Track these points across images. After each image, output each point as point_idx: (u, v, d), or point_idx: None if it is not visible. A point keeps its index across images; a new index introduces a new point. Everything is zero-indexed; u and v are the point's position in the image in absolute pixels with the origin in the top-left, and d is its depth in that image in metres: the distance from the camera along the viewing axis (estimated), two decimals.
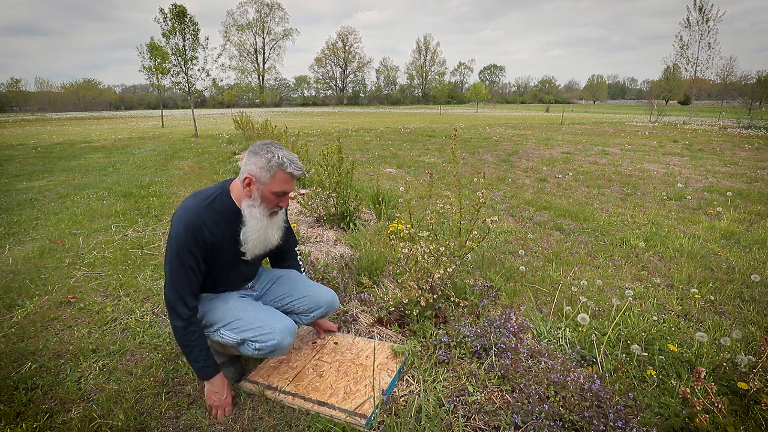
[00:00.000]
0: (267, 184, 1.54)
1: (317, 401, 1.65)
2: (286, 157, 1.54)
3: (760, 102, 34.78)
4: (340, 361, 1.89)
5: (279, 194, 1.58)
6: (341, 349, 1.99)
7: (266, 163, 1.52)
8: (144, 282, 2.81)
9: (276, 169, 1.52)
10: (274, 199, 1.59)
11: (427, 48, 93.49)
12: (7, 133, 18.89)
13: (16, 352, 2.03)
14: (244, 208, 1.59)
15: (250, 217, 1.59)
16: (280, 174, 1.54)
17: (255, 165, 1.53)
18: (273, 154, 1.52)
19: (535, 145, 10.87)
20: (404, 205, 3.98)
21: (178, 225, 1.53)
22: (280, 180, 1.54)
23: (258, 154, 1.54)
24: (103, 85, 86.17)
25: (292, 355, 1.96)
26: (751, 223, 4.12)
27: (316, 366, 1.87)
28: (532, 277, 2.82)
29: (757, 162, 8.03)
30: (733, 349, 1.92)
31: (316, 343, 2.05)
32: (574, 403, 1.52)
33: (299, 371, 1.84)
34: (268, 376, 1.81)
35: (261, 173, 1.53)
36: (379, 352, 1.93)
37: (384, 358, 1.90)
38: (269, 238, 1.69)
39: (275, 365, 1.89)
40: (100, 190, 5.76)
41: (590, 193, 5.46)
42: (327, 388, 1.72)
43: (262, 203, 1.58)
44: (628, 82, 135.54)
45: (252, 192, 1.56)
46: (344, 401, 1.64)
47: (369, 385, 1.70)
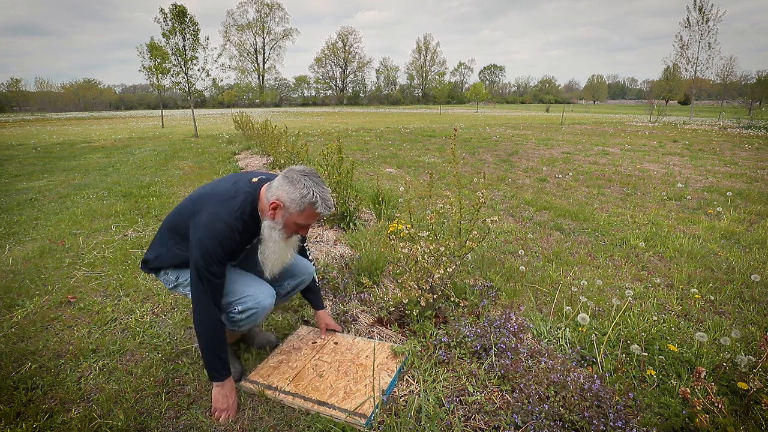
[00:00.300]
0: (294, 216, 1.55)
1: (317, 401, 1.65)
2: (321, 195, 1.53)
3: (760, 102, 34.79)
4: (340, 361, 1.89)
5: (302, 226, 1.60)
6: (341, 349, 1.99)
7: (299, 197, 1.51)
8: (144, 282, 2.81)
9: (307, 206, 1.53)
10: (295, 229, 1.60)
11: (427, 48, 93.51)
12: (7, 133, 18.90)
13: (16, 352, 2.03)
14: (265, 227, 1.60)
15: (269, 239, 1.59)
16: (309, 211, 1.54)
17: (287, 194, 1.52)
18: (308, 191, 1.51)
19: (535, 145, 10.87)
20: (404, 205, 3.98)
21: (210, 237, 1.52)
22: (308, 215, 1.55)
23: (294, 183, 1.52)
24: (103, 85, 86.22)
25: (292, 355, 1.95)
26: (751, 223, 4.12)
27: (316, 366, 1.87)
28: (532, 277, 2.82)
29: (757, 162, 8.03)
30: (733, 349, 1.92)
31: (316, 343, 2.05)
32: (574, 403, 1.52)
33: (299, 371, 1.84)
34: (268, 376, 1.81)
35: (291, 204, 1.53)
36: (379, 352, 1.93)
37: (384, 357, 1.89)
38: (285, 258, 1.70)
39: (275, 365, 1.89)
40: (100, 190, 5.76)
41: (590, 193, 5.46)
42: (327, 387, 1.72)
43: (283, 229, 1.58)
44: (628, 82, 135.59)
45: (276, 217, 1.57)
46: (344, 401, 1.64)
47: (369, 384, 1.70)
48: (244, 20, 77.46)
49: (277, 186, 1.56)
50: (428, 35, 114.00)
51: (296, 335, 2.14)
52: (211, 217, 1.54)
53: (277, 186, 1.56)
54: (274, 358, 1.95)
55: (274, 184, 1.57)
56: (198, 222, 1.55)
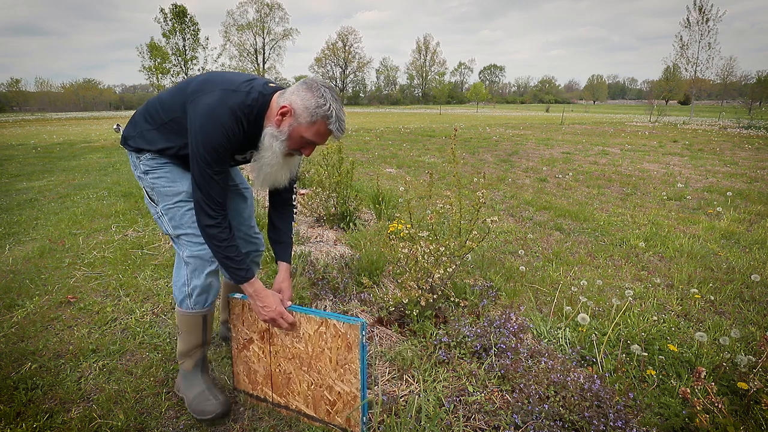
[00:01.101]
0: (302, 126, 1.36)
1: (305, 414, 1.58)
2: (336, 112, 1.35)
3: (760, 102, 34.81)
4: (300, 359, 1.55)
5: (307, 142, 1.41)
6: (287, 341, 1.57)
7: (314, 106, 1.33)
8: (144, 282, 2.81)
9: (319, 118, 1.34)
10: (299, 143, 1.41)
11: (427, 48, 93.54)
12: (7, 133, 18.90)
13: (16, 352, 2.03)
14: (266, 134, 1.40)
15: (268, 148, 1.41)
16: (321, 125, 1.36)
17: (302, 100, 1.34)
18: (325, 102, 1.33)
19: (535, 145, 10.87)
20: (404, 205, 3.98)
21: (214, 125, 1.32)
22: (318, 131, 1.37)
23: (311, 90, 1.34)
24: (103, 85, 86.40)
25: (250, 353, 1.68)
26: (751, 223, 4.12)
27: (280, 367, 1.61)
28: (532, 277, 2.82)
29: (757, 162, 8.03)
30: (733, 349, 1.92)
31: (263, 335, 1.64)
32: (574, 403, 1.52)
33: (269, 374, 1.64)
34: (248, 384, 1.71)
35: (303, 113, 1.34)
36: (331, 340, 1.46)
37: (336, 349, 1.46)
38: (278, 179, 1.51)
39: (245, 371, 1.70)
40: (100, 190, 5.76)
41: (590, 193, 5.46)
42: (305, 394, 1.56)
43: (286, 140, 1.39)
44: (628, 82, 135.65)
45: (282, 124, 1.38)
46: (329, 415, 1.53)
47: (342, 392, 1.49)
48: (244, 20, 77.47)
49: (292, 91, 1.38)
50: (428, 35, 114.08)
51: (238, 324, 1.67)
52: (219, 102, 1.34)
53: (293, 91, 1.37)
54: (238, 360, 1.71)
55: (289, 89, 1.40)
56: (200, 105, 1.35)
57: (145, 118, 1.53)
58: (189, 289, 1.50)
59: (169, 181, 1.53)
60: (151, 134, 1.51)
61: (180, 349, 1.63)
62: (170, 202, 1.52)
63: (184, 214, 1.51)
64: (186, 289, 1.51)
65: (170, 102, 1.48)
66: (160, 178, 1.52)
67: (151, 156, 1.53)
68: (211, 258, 1.50)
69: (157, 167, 1.53)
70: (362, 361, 1.41)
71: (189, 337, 1.60)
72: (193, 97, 1.38)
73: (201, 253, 1.49)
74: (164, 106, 1.49)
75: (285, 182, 1.56)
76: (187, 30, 14.86)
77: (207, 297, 1.55)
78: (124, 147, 1.58)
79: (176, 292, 1.54)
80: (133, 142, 1.54)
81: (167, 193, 1.52)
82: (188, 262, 1.49)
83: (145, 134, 1.52)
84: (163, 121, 1.48)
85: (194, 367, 1.65)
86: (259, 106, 1.39)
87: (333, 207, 3.83)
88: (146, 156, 1.53)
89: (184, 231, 1.51)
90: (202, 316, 1.58)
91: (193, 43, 14.99)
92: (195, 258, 1.49)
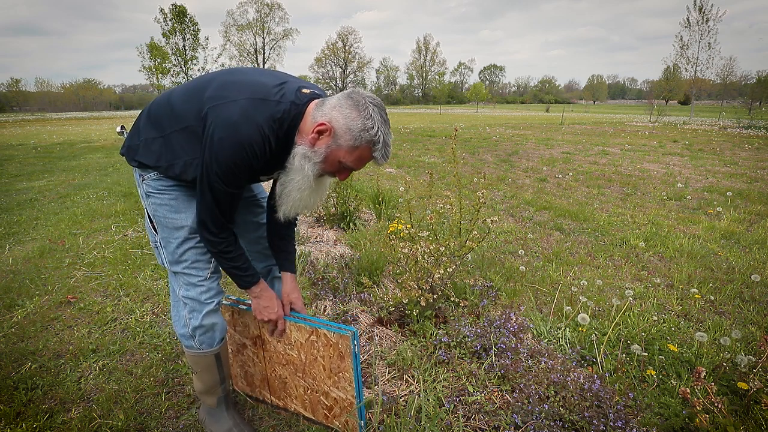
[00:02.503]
0: (342, 150, 1.16)
1: (304, 416, 1.58)
2: (384, 137, 1.16)
3: (760, 102, 34.81)
4: (294, 365, 1.54)
5: (344, 168, 1.22)
6: (280, 348, 1.55)
7: (360, 128, 1.13)
8: (144, 282, 2.81)
9: (364, 143, 1.15)
10: (335, 168, 1.22)
11: (427, 48, 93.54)
12: (7, 133, 18.89)
13: (16, 352, 2.03)
14: (297, 154, 1.20)
15: (298, 170, 1.20)
16: (364, 150, 1.16)
17: (345, 118, 1.14)
18: (375, 126, 1.13)
19: (535, 145, 10.87)
20: (404, 205, 3.98)
21: (236, 143, 1.13)
22: (360, 156, 1.18)
23: (358, 108, 1.14)
24: (103, 85, 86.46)
25: (245, 357, 1.69)
26: (751, 223, 4.12)
27: (275, 372, 1.60)
28: (532, 277, 2.82)
29: (757, 162, 8.03)
30: (733, 349, 1.92)
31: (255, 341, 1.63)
32: (574, 403, 1.52)
33: (265, 378, 1.64)
34: (245, 386, 1.73)
35: (345, 134, 1.14)
36: (323, 349, 1.44)
37: (329, 358, 1.43)
38: (309, 204, 1.31)
39: (242, 374, 1.71)
40: (100, 190, 5.76)
41: (590, 193, 5.46)
42: (303, 400, 1.56)
43: (321, 163, 1.20)
44: (628, 82, 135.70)
45: (318, 144, 1.18)
46: (327, 419, 1.53)
47: (338, 398, 1.51)
48: (244, 20, 77.45)
49: (333, 105, 1.16)
50: (428, 35, 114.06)
51: (230, 329, 1.66)
52: (244, 115, 1.13)
53: (334, 106, 1.16)
54: (234, 363, 1.71)
55: (330, 103, 1.18)
56: (221, 116, 1.13)
57: (152, 124, 1.30)
58: (190, 330, 1.38)
59: (173, 211, 1.33)
60: (157, 144, 1.27)
61: (198, 388, 1.51)
62: (170, 236, 1.35)
63: (184, 252, 1.35)
64: (187, 330, 1.38)
65: (182, 107, 1.24)
66: (163, 206, 1.33)
67: (157, 176, 1.32)
68: (207, 300, 1.38)
69: (161, 191, 1.33)
70: (356, 369, 1.37)
71: (205, 377, 1.47)
72: (213, 104, 1.16)
73: (197, 296, 1.36)
74: (175, 112, 1.25)
75: (316, 208, 1.41)
76: (187, 30, 14.87)
77: (213, 335, 1.41)
78: (126, 159, 1.36)
79: (178, 330, 1.41)
80: (136, 155, 1.31)
81: (168, 225, 1.34)
82: (185, 302, 1.37)
83: (150, 144, 1.28)
84: (173, 130, 1.25)
85: (218, 405, 1.53)
86: (291, 118, 1.19)
87: (333, 207, 3.83)
88: (151, 176, 1.32)
89: (181, 270, 1.36)
90: (214, 355, 1.44)
91: (193, 43, 14.99)
92: (191, 300, 1.36)
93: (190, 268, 1.36)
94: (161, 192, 1.33)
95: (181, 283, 1.37)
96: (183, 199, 1.35)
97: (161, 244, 1.38)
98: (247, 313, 1.54)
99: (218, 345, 1.44)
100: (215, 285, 1.41)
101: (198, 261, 1.37)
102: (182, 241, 1.35)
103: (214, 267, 1.41)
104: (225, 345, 1.50)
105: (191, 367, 1.48)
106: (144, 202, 1.38)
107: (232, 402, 1.59)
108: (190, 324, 1.37)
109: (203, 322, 1.38)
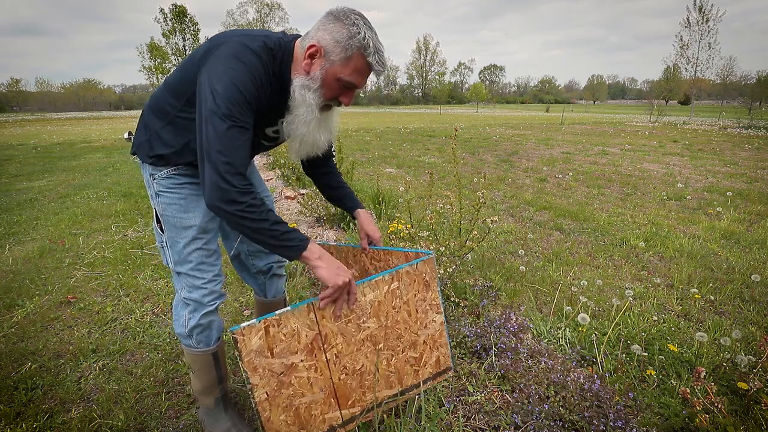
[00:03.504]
0: (336, 66, 1.13)
1: (389, 398, 1.45)
2: (373, 41, 1.12)
3: (760, 102, 34.82)
4: (373, 339, 1.35)
5: (345, 85, 1.16)
6: (352, 329, 1.29)
7: (346, 38, 1.10)
8: (144, 282, 2.81)
9: (356, 50, 1.11)
10: (336, 89, 1.17)
11: (426, 48, 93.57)
12: (7, 133, 18.90)
13: (16, 352, 2.03)
14: (296, 86, 1.17)
15: (300, 103, 1.17)
16: (358, 59, 1.12)
17: (330, 34, 1.11)
18: (359, 30, 1.10)
19: (535, 145, 10.87)
20: (404, 205, 3.98)
21: (237, 69, 1.07)
22: (355, 67, 1.13)
23: (340, 20, 1.11)
24: (103, 85, 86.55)
25: None
26: (751, 223, 4.12)
27: (346, 369, 1.33)
28: (532, 277, 2.82)
29: (757, 162, 8.03)
30: (733, 349, 1.92)
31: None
32: (574, 403, 1.52)
33: (333, 393, 1.34)
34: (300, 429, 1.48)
35: (334, 48, 1.11)
36: (407, 290, 1.32)
37: (415, 296, 1.33)
38: (317, 141, 1.27)
39: (291, 419, 1.23)
40: (100, 190, 5.76)
41: (590, 193, 5.46)
42: (387, 377, 1.42)
43: (320, 88, 1.16)
44: (628, 82, 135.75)
45: (313, 68, 1.14)
46: (417, 375, 1.45)
47: (426, 338, 1.43)
48: (244, 20, 77.51)
49: (317, 27, 1.14)
50: (428, 35, 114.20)
51: (260, 361, 1.15)
52: (238, 47, 1.11)
53: (318, 27, 1.14)
54: (272, 411, 1.19)
55: (314, 27, 1.16)
56: (215, 58, 1.10)
57: (155, 114, 1.29)
58: (187, 329, 1.39)
59: (182, 210, 1.32)
60: (166, 131, 1.26)
61: (196, 388, 1.51)
62: (177, 236, 1.33)
63: (191, 252, 1.34)
64: (185, 329, 1.39)
65: (179, 81, 1.22)
66: (173, 205, 1.32)
67: (167, 175, 1.30)
68: (210, 302, 1.38)
69: (171, 189, 1.31)
70: (440, 290, 1.32)
71: (202, 375, 1.47)
72: (205, 58, 1.13)
73: (199, 298, 1.36)
74: (173, 90, 1.24)
75: (325, 145, 1.33)
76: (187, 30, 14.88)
77: (210, 334, 1.42)
78: (137, 157, 1.34)
79: (177, 329, 1.43)
80: (146, 150, 1.29)
81: (176, 225, 1.33)
82: (187, 303, 1.38)
83: (160, 134, 1.27)
84: (177, 109, 1.23)
85: (216, 405, 1.53)
86: (282, 53, 1.16)
87: (333, 207, 3.83)
88: (161, 174, 1.30)
89: (185, 271, 1.36)
90: (212, 354, 1.45)
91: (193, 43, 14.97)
92: (194, 301, 1.37)
93: (195, 270, 1.36)
94: (171, 191, 1.32)
95: (183, 284, 1.38)
96: (193, 198, 1.34)
97: (167, 243, 1.38)
98: (290, 318, 1.15)
99: (215, 344, 1.45)
100: (218, 288, 1.41)
101: (203, 263, 1.37)
102: (190, 241, 1.34)
103: (218, 270, 1.42)
104: (222, 345, 1.51)
105: (190, 366, 1.49)
106: (153, 202, 1.37)
107: (230, 402, 1.59)
108: (189, 323, 1.38)
109: (200, 321, 1.38)
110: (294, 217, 4.17)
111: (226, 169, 1.04)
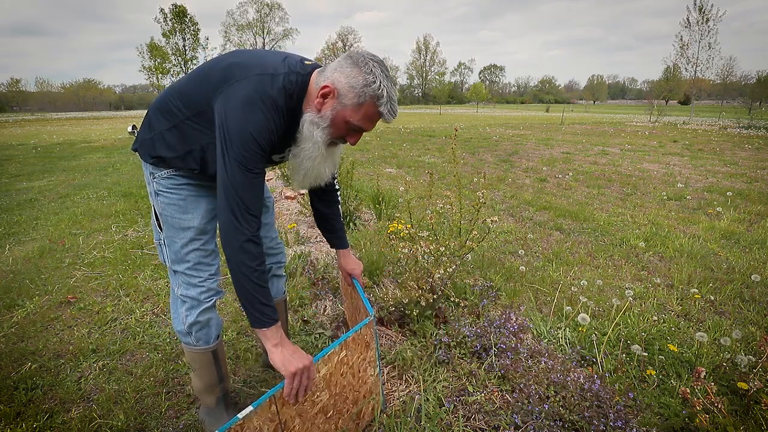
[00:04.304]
0: (347, 109, 1.15)
1: None
2: (388, 90, 1.13)
3: (760, 102, 34.81)
4: (324, 410, 1.35)
5: (354, 128, 1.19)
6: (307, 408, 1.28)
7: (362, 85, 1.11)
8: (144, 282, 2.81)
9: (369, 99, 1.12)
10: (344, 130, 1.19)
11: (426, 48, 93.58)
12: (7, 133, 18.89)
13: (16, 352, 2.03)
14: (306, 121, 1.19)
15: (308, 138, 1.19)
16: (370, 106, 1.14)
17: (345, 77, 1.12)
18: (375, 79, 1.11)
19: (535, 145, 10.87)
20: (404, 205, 3.98)
21: (252, 116, 1.10)
22: (366, 114, 1.15)
23: (358, 65, 1.12)
24: (103, 85, 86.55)
25: None
26: (751, 223, 4.12)
27: None
28: (532, 277, 2.82)
29: (757, 162, 8.03)
30: (733, 349, 1.92)
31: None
32: (574, 403, 1.52)
33: None
34: None
35: (348, 92, 1.13)
36: (351, 355, 1.36)
37: (357, 357, 1.37)
38: (321, 174, 1.29)
39: None
40: (100, 190, 5.76)
41: (590, 193, 5.46)
42: None
43: (329, 127, 1.18)
44: (628, 82, 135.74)
45: (324, 108, 1.17)
46: (357, 425, 1.49)
47: (366, 392, 1.46)
48: (244, 20, 77.47)
49: (334, 68, 1.15)
50: (428, 35, 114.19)
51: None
52: (256, 90, 1.11)
53: (335, 68, 1.15)
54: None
55: (331, 66, 1.17)
56: (233, 96, 1.12)
57: (162, 114, 1.29)
58: (186, 326, 1.39)
59: (181, 212, 1.33)
60: (171, 134, 1.27)
61: (196, 387, 1.51)
62: (175, 236, 1.35)
63: (188, 253, 1.35)
64: (183, 326, 1.39)
65: (191, 94, 1.24)
66: (172, 206, 1.33)
67: (167, 175, 1.31)
68: (206, 299, 1.39)
69: (171, 190, 1.32)
70: (377, 347, 1.36)
71: (203, 374, 1.47)
72: (222, 88, 1.14)
73: (196, 295, 1.37)
74: (185, 99, 1.24)
75: (328, 177, 1.35)
76: (187, 30, 14.90)
77: (209, 332, 1.43)
78: (139, 155, 1.35)
79: (176, 327, 1.43)
80: (149, 149, 1.30)
81: (174, 225, 1.34)
82: (184, 300, 1.39)
83: (164, 135, 1.27)
84: (186, 116, 1.24)
85: (218, 404, 1.53)
86: (299, 89, 1.18)
87: None
88: (162, 174, 1.31)
89: (182, 270, 1.36)
90: (212, 351, 1.45)
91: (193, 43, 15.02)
92: (190, 298, 1.38)
93: (192, 269, 1.37)
94: (171, 191, 1.32)
95: (180, 282, 1.38)
96: (192, 199, 1.34)
97: (165, 242, 1.38)
98: (252, 418, 1.08)
99: (215, 342, 1.45)
100: (215, 285, 1.42)
101: (200, 263, 1.38)
102: (188, 241, 1.35)
103: (215, 269, 1.42)
104: (222, 343, 1.51)
105: (190, 365, 1.49)
106: (152, 200, 1.37)
107: (231, 402, 1.59)
108: (187, 321, 1.38)
109: (199, 318, 1.39)
110: (294, 217, 4.17)
111: (242, 208, 1.11)
